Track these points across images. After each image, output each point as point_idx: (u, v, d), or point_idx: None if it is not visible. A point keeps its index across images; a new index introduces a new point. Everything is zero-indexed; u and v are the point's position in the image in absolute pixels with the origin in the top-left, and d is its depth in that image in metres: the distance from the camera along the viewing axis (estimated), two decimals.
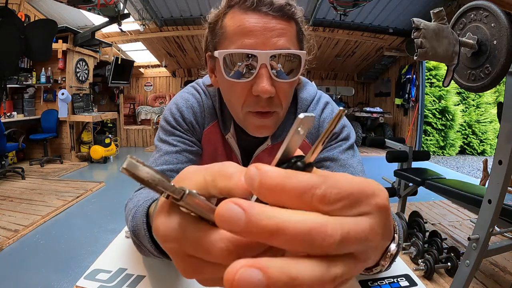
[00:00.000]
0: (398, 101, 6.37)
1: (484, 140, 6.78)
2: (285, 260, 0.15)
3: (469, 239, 1.36)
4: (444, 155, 6.47)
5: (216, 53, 0.56)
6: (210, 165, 0.21)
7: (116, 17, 4.25)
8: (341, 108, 0.17)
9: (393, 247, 0.29)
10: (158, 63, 7.00)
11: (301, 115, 0.17)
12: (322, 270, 0.16)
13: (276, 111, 0.58)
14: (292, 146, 0.18)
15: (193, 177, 0.20)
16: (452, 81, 1.13)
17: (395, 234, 0.31)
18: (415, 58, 0.99)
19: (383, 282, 0.53)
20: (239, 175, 0.19)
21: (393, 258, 0.36)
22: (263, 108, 0.56)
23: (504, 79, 1.12)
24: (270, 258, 0.15)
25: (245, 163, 0.74)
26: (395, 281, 0.53)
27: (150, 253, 0.44)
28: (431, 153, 4.19)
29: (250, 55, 0.53)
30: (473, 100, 6.84)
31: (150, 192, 0.54)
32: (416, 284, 0.53)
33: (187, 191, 0.17)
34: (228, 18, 0.56)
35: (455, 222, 2.67)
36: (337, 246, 0.16)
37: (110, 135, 5.26)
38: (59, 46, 4.50)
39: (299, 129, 0.18)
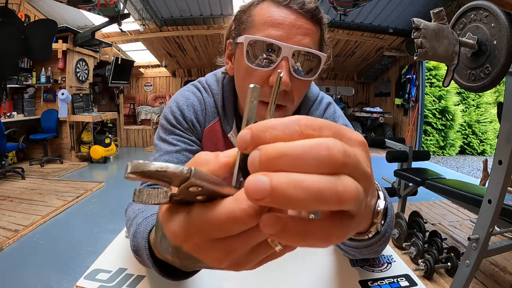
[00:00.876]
0: (398, 101, 6.37)
1: (484, 140, 6.78)
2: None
3: (469, 239, 1.36)
4: (444, 155, 6.47)
5: (241, 38, 0.57)
6: (188, 163, 0.22)
7: (116, 17, 4.24)
8: (279, 71, 0.20)
9: (381, 203, 0.30)
10: (158, 63, 7.00)
11: (250, 85, 0.20)
12: (330, 181, 0.16)
13: (287, 105, 0.59)
14: (250, 115, 0.21)
15: None
16: (452, 81, 1.13)
17: (379, 192, 0.31)
18: (415, 58, 0.99)
19: (383, 282, 0.53)
20: (214, 160, 0.21)
21: (386, 215, 0.37)
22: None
23: (504, 79, 1.12)
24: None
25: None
26: (395, 281, 0.53)
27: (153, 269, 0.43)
28: (431, 153, 4.19)
29: (274, 46, 0.54)
30: (473, 100, 6.84)
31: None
32: (416, 284, 0.53)
33: (193, 168, 0.17)
34: (259, 8, 0.58)
35: (455, 222, 2.67)
36: (342, 157, 0.16)
37: (110, 135, 5.26)
38: (59, 46, 4.50)
39: (252, 99, 0.20)
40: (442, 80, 1.14)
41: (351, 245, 0.43)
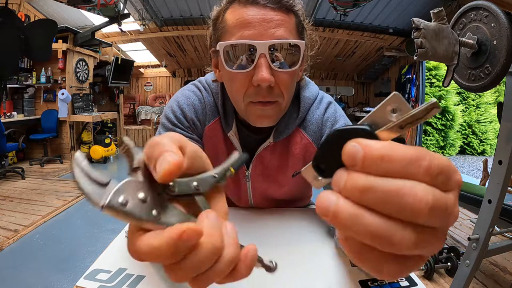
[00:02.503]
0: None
1: (484, 140, 6.77)
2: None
3: (469, 239, 1.36)
4: (444, 155, 6.47)
5: (217, 46, 0.57)
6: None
7: (116, 17, 4.24)
8: (435, 101, 0.17)
9: None
10: (158, 63, 6.99)
11: (392, 93, 0.18)
12: (390, 227, 0.17)
13: (277, 101, 0.59)
14: (376, 117, 0.19)
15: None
16: (452, 81, 1.13)
17: None
18: (415, 58, 0.98)
19: (383, 282, 0.53)
20: (168, 143, 0.22)
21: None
22: (263, 97, 0.57)
23: (504, 79, 1.12)
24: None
25: (247, 161, 0.74)
26: (395, 281, 0.53)
27: None
28: None
29: (249, 46, 0.54)
30: (473, 100, 6.84)
31: None
32: (416, 284, 0.53)
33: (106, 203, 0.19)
34: (229, 13, 0.58)
35: (455, 222, 2.67)
36: (428, 212, 0.16)
37: (110, 135, 5.25)
38: (59, 46, 4.50)
39: (388, 107, 0.18)
40: (442, 80, 1.13)
41: None
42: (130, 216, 0.19)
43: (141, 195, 0.20)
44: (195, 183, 0.23)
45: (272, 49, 0.54)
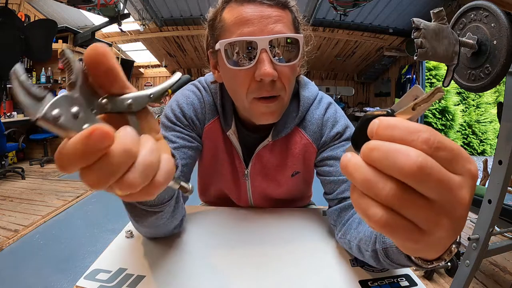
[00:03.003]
0: (398, 101, 6.36)
1: (484, 140, 6.78)
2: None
3: (469, 239, 1.36)
4: None
5: (217, 45, 0.58)
6: None
7: (116, 17, 4.24)
8: (439, 86, 0.21)
9: (453, 245, 0.29)
10: (158, 63, 7.00)
11: (414, 87, 0.22)
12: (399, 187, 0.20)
13: (280, 95, 0.60)
14: (400, 104, 0.23)
15: None
16: (452, 81, 1.13)
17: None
18: (415, 58, 0.98)
19: (383, 282, 0.53)
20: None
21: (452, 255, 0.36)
22: (267, 92, 0.58)
23: (504, 79, 1.12)
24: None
25: (246, 159, 0.74)
26: (395, 281, 0.53)
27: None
28: None
29: (250, 42, 0.55)
30: (473, 100, 6.84)
31: None
32: (416, 284, 0.53)
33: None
34: (226, 12, 0.59)
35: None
36: (415, 171, 0.19)
37: None
38: (59, 46, 4.50)
39: (410, 96, 0.22)
40: (442, 80, 1.13)
41: (398, 262, 0.44)
42: (62, 129, 0.21)
43: (74, 109, 0.22)
44: (129, 101, 0.24)
45: (272, 44, 0.55)
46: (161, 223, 0.55)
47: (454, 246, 0.28)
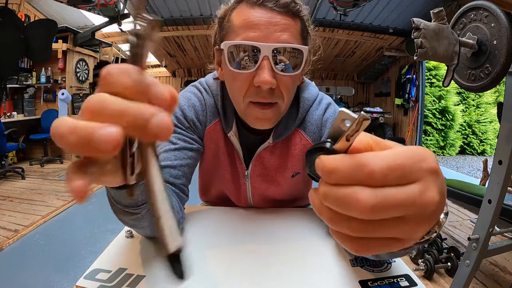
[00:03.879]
0: (398, 101, 6.36)
1: (484, 140, 6.78)
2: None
3: (469, 239, 1.36)
4: (444, 155, 6.47)
5: (222, 45, 0.58)
6: None
7: (116, 17, 4.24)
8: (364, 115, 0.20)
9: (441, 216, 0.28)
10: (158, 63, 7.00)
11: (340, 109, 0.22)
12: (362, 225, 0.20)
13: (277, 102, 0.60)
14: (333, 133, 0.22)
15: None
16: (452, 81, 1.13)
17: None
18: (415, 58, 0.99)
19: (383, 282, 0.53)
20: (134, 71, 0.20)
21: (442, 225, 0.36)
22: (264, 98, 0.58)
23: (504, 79, 1.12)
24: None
25: (247, 161, 0.74)
26: (395, 281, 0.53)
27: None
28: None
29: (253, 47, 0.55)
30: (473, 100, 6.84)
31: None
32: (416, 284, 0.53)
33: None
34: (235, 13, 0.59)
35: (455, 222, 2.67)
36: (370, 212, 0.19)
37: None
38: (59, 46, 4.50)
39: (338, 122, 0.21)
40: (442, 80, 1.14)
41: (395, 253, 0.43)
42: None
43: None
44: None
45: (275, 52, 0.55)
46: (145, 225, 0.53)
47: (442, 217, 0.28)
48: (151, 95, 0.20)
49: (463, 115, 6.71)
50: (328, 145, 0.22)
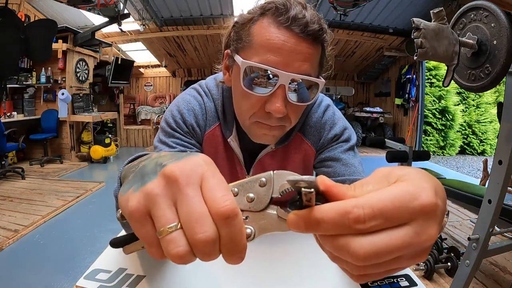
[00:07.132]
0: (398, 101, 6.37)
1: (484, 140, 6.78)
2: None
3: (469, 239, 1.36)
4: (444, 155, 6.47)
5: (239, 61, 0.55)
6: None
7: (116, 17, 4.24)
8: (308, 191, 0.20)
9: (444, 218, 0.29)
10: (158, 63, 7.00)
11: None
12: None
13: (285, 125, 0.60)
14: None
15: None
16: (452, 81, 1.13)
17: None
18: (415, 58, 0.98)
19: (383, 282, 0.53)
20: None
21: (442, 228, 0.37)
22: (271, 123, 0.58)
23: (504, 79, 1.12)
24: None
25: (248, 166, 0.74)
26: (395, 281, 0.53)
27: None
28: (431, 153, 4.18)
29: (272, 73, 0.52)
30: (473, 100, 6.84)
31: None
32: (416, 284, 0.53)
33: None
34: (258, 27, 0.54)
35: (455, 222, 2.67)
36: (363, 261, 0.19)
37: (110, 135, 5.26)
38: (59, 46, 4.50)
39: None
40: (442, 80, 1.13)
41: None
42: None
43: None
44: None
45: (292, 81, 0.53)
46: None
47: (444, 219, 0.29)
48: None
49: (463, 115, 6.71)
50: (311, 183, 0.21)
